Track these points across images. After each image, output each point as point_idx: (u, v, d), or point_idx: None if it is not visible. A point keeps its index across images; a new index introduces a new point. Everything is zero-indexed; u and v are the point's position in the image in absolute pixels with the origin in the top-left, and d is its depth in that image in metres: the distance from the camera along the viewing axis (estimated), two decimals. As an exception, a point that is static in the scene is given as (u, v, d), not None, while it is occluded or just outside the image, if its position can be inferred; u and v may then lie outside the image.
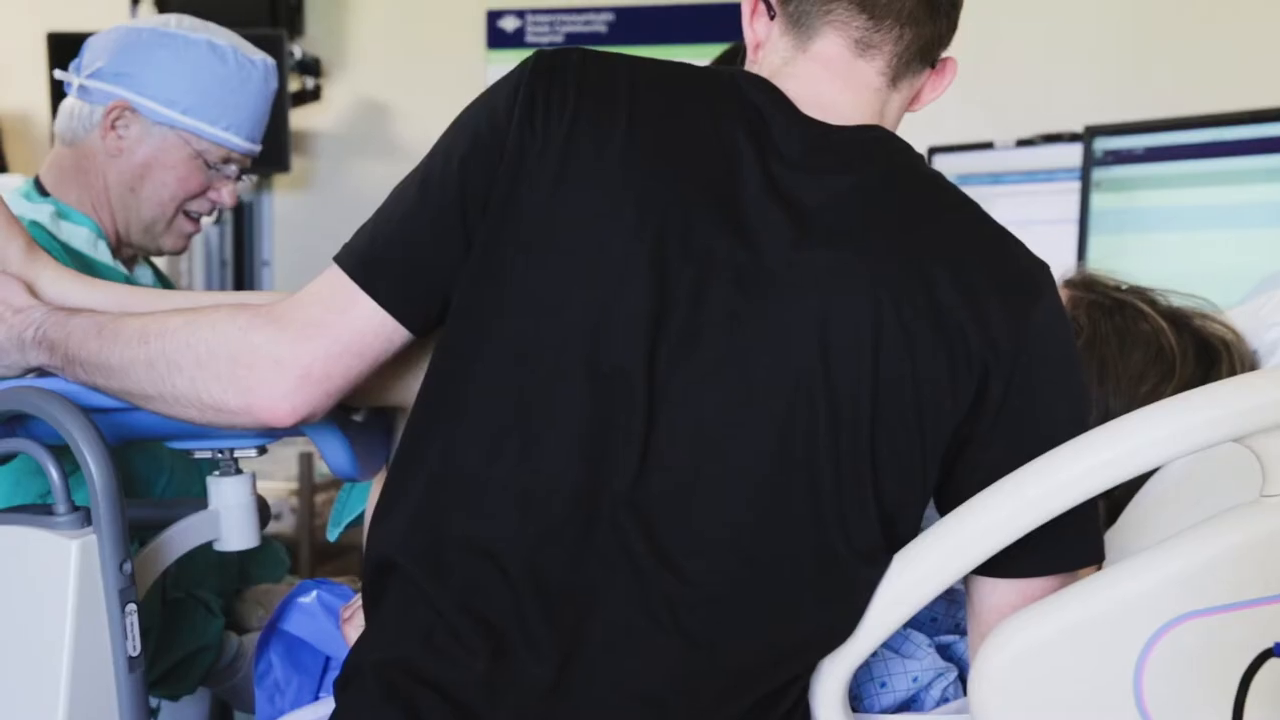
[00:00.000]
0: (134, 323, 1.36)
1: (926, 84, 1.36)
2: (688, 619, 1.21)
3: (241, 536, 1.52)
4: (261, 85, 1.93)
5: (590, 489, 1.22)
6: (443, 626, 1.23)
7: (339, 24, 4.27)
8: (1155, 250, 3.02)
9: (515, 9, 4.15)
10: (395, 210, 1.31)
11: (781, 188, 1.26)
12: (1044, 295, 1.26)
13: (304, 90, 4.10)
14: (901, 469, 1.23)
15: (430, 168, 1.30)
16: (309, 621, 1.51)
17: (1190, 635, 1.18)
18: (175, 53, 1.87)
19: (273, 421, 1.29)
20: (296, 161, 4.07)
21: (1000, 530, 1.21)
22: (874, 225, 1.25)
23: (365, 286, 1.28)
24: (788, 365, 1.22)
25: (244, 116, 1.92)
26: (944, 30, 1.33)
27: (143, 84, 1.88)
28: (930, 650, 1.39)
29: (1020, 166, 3.26)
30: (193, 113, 1.89)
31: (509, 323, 1.25)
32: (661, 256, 1.23)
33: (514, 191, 1.26)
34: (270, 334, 1.29)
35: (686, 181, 1.25)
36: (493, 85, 1.31)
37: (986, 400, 1.23)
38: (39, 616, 1.31)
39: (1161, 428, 1.18)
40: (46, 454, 1.35)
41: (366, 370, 1.30)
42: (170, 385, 1.32)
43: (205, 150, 1.91)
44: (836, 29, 1.31)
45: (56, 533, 1.32)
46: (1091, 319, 1.57)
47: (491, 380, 1.25)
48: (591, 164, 1.25)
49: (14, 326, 1.41)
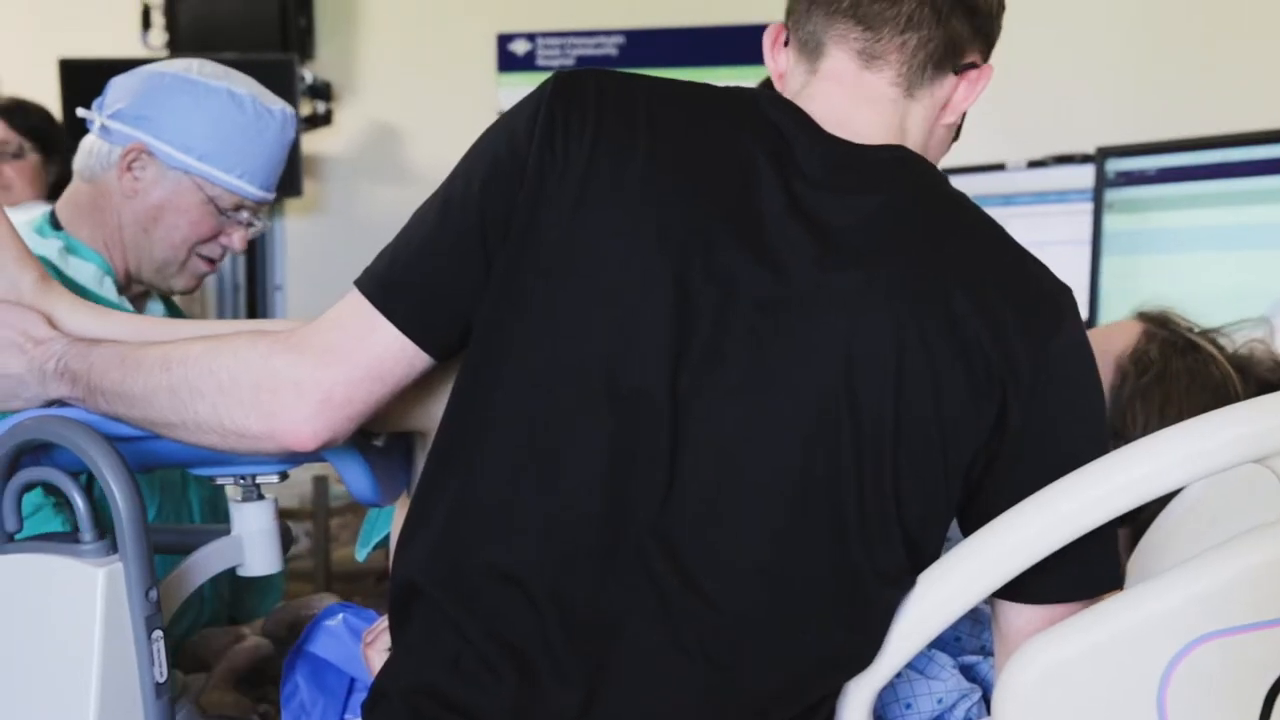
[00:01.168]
0: (155, 351, 1.37)
1: (957, 91, 1.34)
2: (712, 642, 1.22)
3: (264, 562, 1.52)
4: (278, 134, 1.95)
5: (613, 513, 1.22)
6: (469, 652, 1.23)
7: (349, 48, 4.30)
8: (1168, 271, 3.03)
9: (526, 32, 4.18)
10: (415, 234, 1.31)
11: (805, 207, 1.26)
12: (1066, 319, 1.26)
13: (315, 115, 4.13)
14: (924, 490, 1.24)
15: (450, 191, 1.31)
16: (334, 644, 1.52)
17: (1212, 655, 1.19)
18: (195, 99, 1.90)
19: (295, 446, 1.30)
20: (308, 186, 4.09)
21: (1026, 549, 1.22)
22: (898, 246, 1.25)
23: (385, 311, 1.28)
24: (811, 386, 1.22)
25: (259, 164, 1.94)
26: (961, 34, 1.32)
27: (161, 128, 1.90)
28: (954, 671, 1.40)
29: (1032, 188, 3.27)
30: (208, 159, 1.91)
31: (530, 347, 1.25)
32: (683, 278, 1.23)
33: (534, 215, 1.26)
34: (292, 359, 1.29)
35: (707, 202, 1.26)
36: (512, 108, 1.31)
37: (1007, 422, 1.23)
38: (67, 644, 1.32)
39: (1186, 447, 1.20)
40: (71, 482, 1.35)
41: (388, 394, 1.31)
42: (193, 412, 1.32)
43: (218, 196, 1.93)
44: (840, 45, 1.31)
45: (83, 560, 1.33)
46: (1164, 355, 1.59)
47: (513, 406, 1.25)
48: (611, 186, 1.26)
49: (35, 358, 1.42)
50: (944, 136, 1.37)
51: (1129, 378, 1.58)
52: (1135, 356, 1.59)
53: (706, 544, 1.22)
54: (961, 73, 1.33)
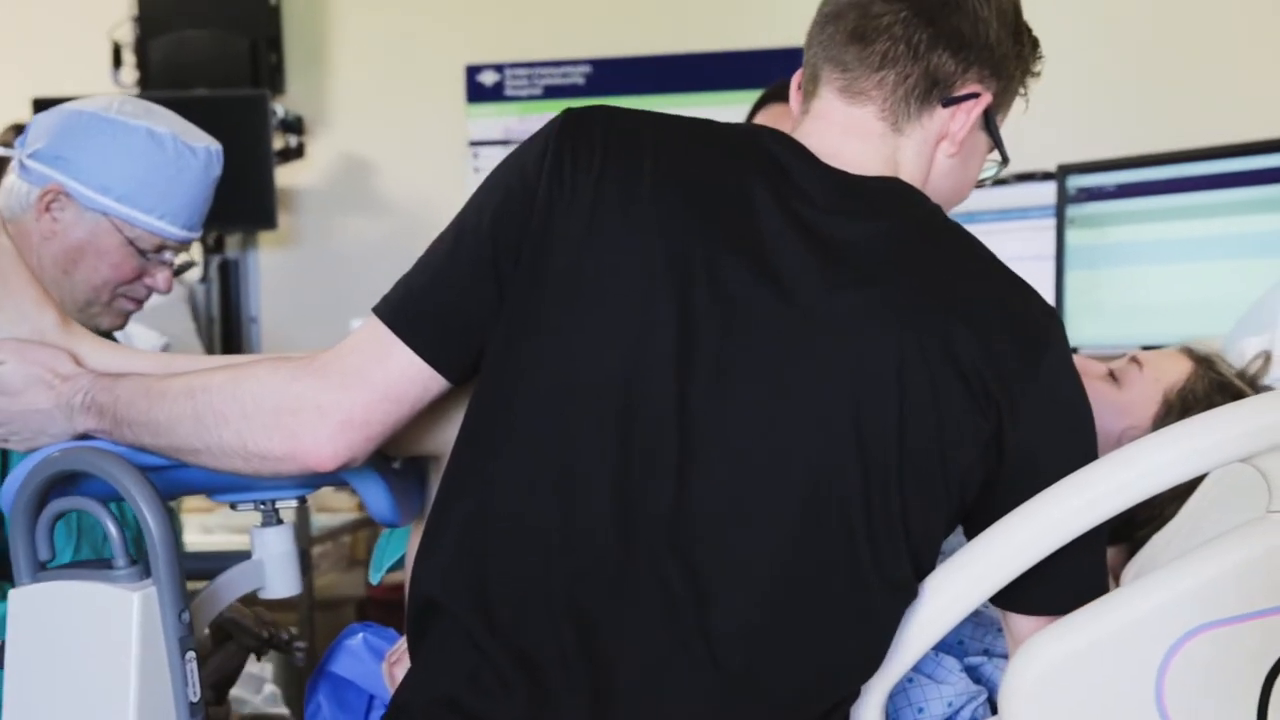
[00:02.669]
0: (179, 381, 1.40)
1: (952, 122, 1.36)
2: (723, 650, 1.25)
3: (284, 584, 1.55)
4: (200, 174, 1.90)
5: (625, 527, 1.26)
6: (486, 665, 1.27)
7: (320, 82, 4.32)
8: (1129, 283, 3.10)
9: (494, 63, 4.22)
10: (431, 264, 1.36)
11: (807, 227, 1.30)
12: (1053, 343, 1.30)
13: (288, 148, 4.13)
14: (926, 504, 1.27)
15: (464, 222, 1.36)
16: (354, 663, 1.56)
17: (1206, 646, 1.24)
18: (112, 138, 1.85)
19: (317, 466, 1.34)
20: (282, 218, 4.10)
21: (1026, 551, 1.27)
22: (898, 268, 1.29)
23: (401, 335, 1.33)
24: (817, 402, 1.26)
25: (180, 204, 1.89)
26: (944, 67, 1.34)
27: (78, 168, 1.85)
28: (962, 674, 1.45)
29: (995, 205, 3.31)
30: (126, 200, 1.86)
31: (542, 369, 1.29)
32: (689, 298, 1.27)
33: (544, 243, 1.31)
34: (312, 383, 1.34)
35: (711, 226, 1.30)
36: (523, 143, 1.36)
37: (1003, 440, 1.28)
38: (104, 666, 1.35)
39: (1174, 449, 1.26)
40: (104, 510, 1.38)
41: (405, 416, 1.35)
42: (217, 437, 1.36)
43: (138, 238, 1.88)
44: (826, 84, 1.37)
45: (118, 586, 1.36)
46: (1209, 395, 1.64)
47: (526, 423, 1.29)
48: (618, 214, 1.30)
49: (63, 394, 1.45)
50: (950, 169, 1.38)
51: (1174, 411, 1.62)
52: (1183, 393, 1.64)
53: (717, 555, 1.26)
54: (954, 104, 1.35)
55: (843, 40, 1.35)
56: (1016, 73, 1.39)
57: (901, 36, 1.33)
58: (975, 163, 1.42)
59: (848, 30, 1.35)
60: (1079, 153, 3.25)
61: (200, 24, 4.09)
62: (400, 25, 4.30)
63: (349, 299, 3.19)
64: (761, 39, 3.90)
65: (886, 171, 1.35)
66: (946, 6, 1.34)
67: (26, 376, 1.46)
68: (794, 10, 1.46)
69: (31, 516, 1.41)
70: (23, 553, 1.41)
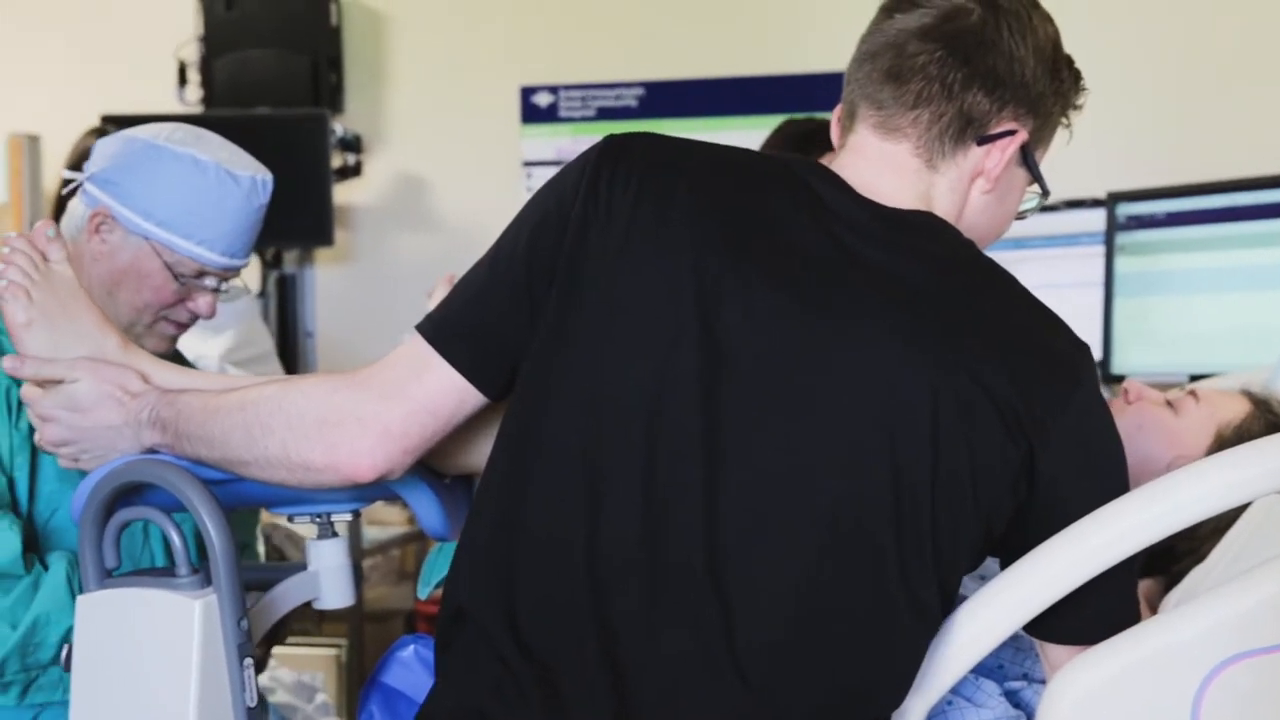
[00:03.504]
0: (233, 395, 1.45)
1: (988, 159, 1.37)
2: (749, 666, 1.26)
3: (338, 595, 1.60)
4: (241, 202, 1.91)
5: (652, 542, 1.28)
6: (509, 676, 1.29)
7: (379, 102, 4.37)
8: (1177, 311, 3.10)
9: (549, 85, 4.26)
10: (471, 283, 1.40)
11: (843, 256, 1.32)
12: (1084, 378, 1.31)
13: (345, 166, 4.17)
14: (956, 531, 1.29)
15: (502, 244, 1.40)
16: (406, 674, 1.58)
17: (1242, 675, 1.25)
18: (158, 164, 1.89)
19: (355, 476, 1.38)
20: (339, 235, 4.15)
21: (1063, 579, 1.29)
22: (933, 300, 1.30)
23: (440, 350, 1.37)
24: (848, 424, 1.27)
25: (219, 232, 1.91)
26: (979, 106, 1.35)
27: (125, 193, 1.89)
28: (1001, 699, 1.46)
29: (1044, 231, 3.31)
30: (167, 226, 1.89)
31: (572, 385, 1.32)
32: (718, 320, 1.29)
33: (578, 263, 1.33)
34: (354, 395, 1.38)
35: (745, 250, 1.31)
36: (564, 167, 1.39)
37: (1035, 471, 1.29)
38: (166, 671, 1.40)
39: (1212, 480, 1.28)
40: (168, 520, 1.43)
41: (441, 429, 1.39)
42: (263, 449, 1.41)
43: (177, 263, 1.91)
44: (863, 120, 1.39)
45: (180, 593, 1.41)
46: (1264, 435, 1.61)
47: (557, 438, 1.32)
48: (653, 235, 1.32)
49: (131, 410, 1.50)
50: (985, 205, 1.39)
51: (1227, 447, 1.61)
52: (1239, 430, 1.64)
53: (744, 571, 1.27)
54: (989, 142, 1.36)
55: (879, 79, 1.36)
56: (1055, 109, 1.40)
57: (936, 76, 1.34)
58: (1013, 197, 1.43)
59: (883, 69, 1.36)
60: (1129, 180, 3.25)
61: (263, 44, 4.15)
62: (457, 47, 4.35)
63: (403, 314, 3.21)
64: (814, 63, 3.91)
65: (920, 206, 1.36)
66: (982, 46, 1.34)
67: (99, 394, 1.51)
68: (847, 35, 1.48)
69: (99, 526, 1.45)
70: (90, 560, 1.45)
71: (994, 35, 1.34)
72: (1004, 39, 1.35)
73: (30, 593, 1.70)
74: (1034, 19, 1.37)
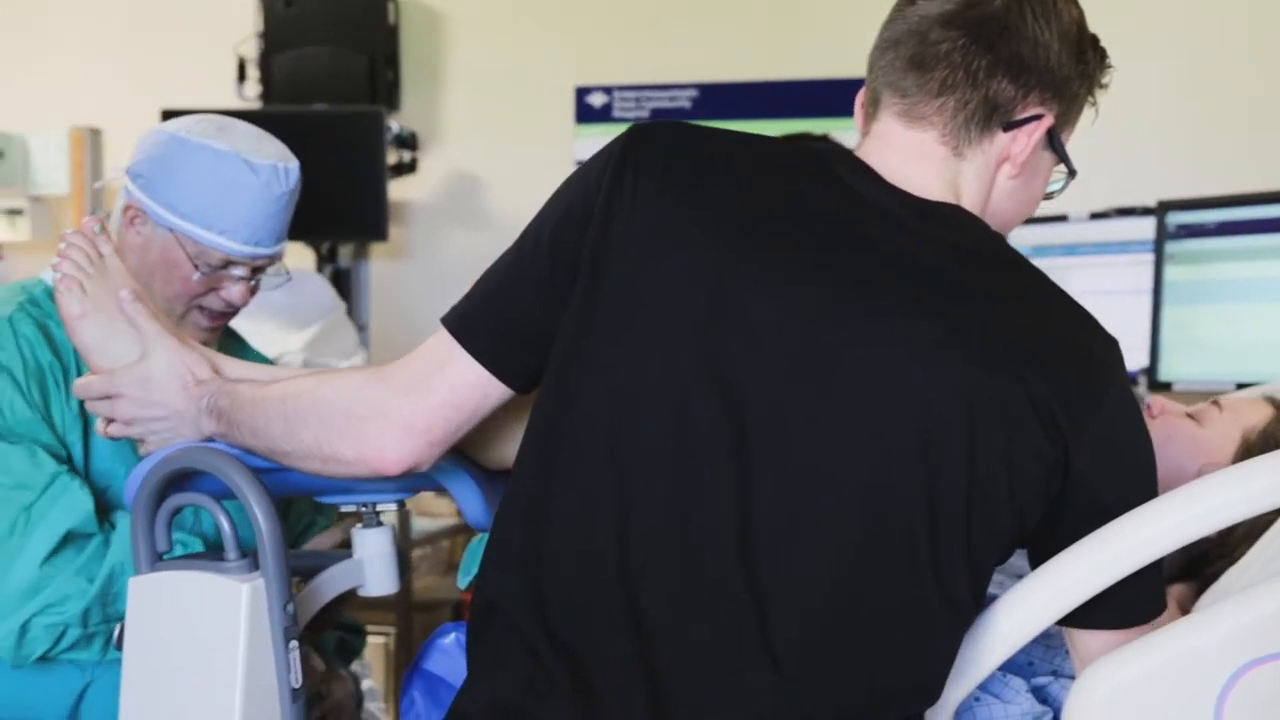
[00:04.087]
0: (277, 387, 1.48)
1: (1014, 145, 1.35)
2: (785, 660, 1.26)
3: (382, 583, 1.62)
4: (259, 191, 1.92)
5: (683, 535, 1.27)
6: (541, 670, 1.30)
7: (434, 100, 4.41)
8: (1226, 321, 3.09)
9: (603, 85, 4.29)
10: (495, 276, 1.41)
11: (875, 250, 1.30)
12: (1116, 374, 1.31)
13: (401, 163, 4.20)
14: (991, 524, 1.28)
15: (527, 236, 1.39)
16: (447, 661, 1.62)
17: (1265, 678, 1.27)
18: (179, 156, 1.92)
19: (383, 469, 1.40)
20: (393, 230, 4.19)
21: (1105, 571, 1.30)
22: (966, 296, 1.30)
23: (463, 342, 1.38)
24: (883, 423, 1.26)
25: (239, 221, 1.92)
26: (1004, 93, 1.33)
27: (153, 186, 1.93)
28: (1028, 695, 1.48)
29: (1094, 238, 3.31)
30: (188, 217, 1.91)
31: (598, 379, 1.31)
32: (747, 315, 1.28)
33: (602, 255, 1.32)
34: (380, 390, 1.40)
35: (775, 241, 1.30)
36: (589, 159, 1.38)
37: (1069, 467, 1.29)
38: (214, 652, 1.43)
39: (1263, 481, 1.29)
40: (218, 506, 1.47)
41: (466, 422, 1.40)
42: (300, 441, 1.43)
43: (202, 253, 1.93)
44: (887, 108, 1.37)
45: (229, 577, 1.44)
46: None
47: (585, 429, 1.32)
48: (678, 227, 1.31)
49: (194, 396, 1.54)
50: (1012, 189, 1.38)
51: (1253, 451, 1.63)
52: (1264, 434, 1.65)
53: (779, 567, 1.26)
54: (1015, 128, 1.35)
55: (902, 67, 1.35)
56: (1081, 91, 1.38)
57: (960, 64, 1.32)
58: (1039, 180, 1.41)
59: (906, 57, 1.34)
60: (1180, 189, 3.25)
61: (322, 41, 4.19)
62: (513, 47, 4.38)
63: (455, 310, 3.26)
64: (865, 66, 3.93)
65: (948, 195, 1.35)
66: (1005, 32, 1.32)
67: (169, 375, 1.55)
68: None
69: (151, 511, 1.49)
70: (143, 544, 1.49)
71: (1018, 21, 1.33)
72: (1028, 24, 1.33)
73: (102, 549, 1.79)
74: (1058, 2, 1.35)
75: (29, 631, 1.79)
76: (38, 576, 1.78)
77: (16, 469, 1.81)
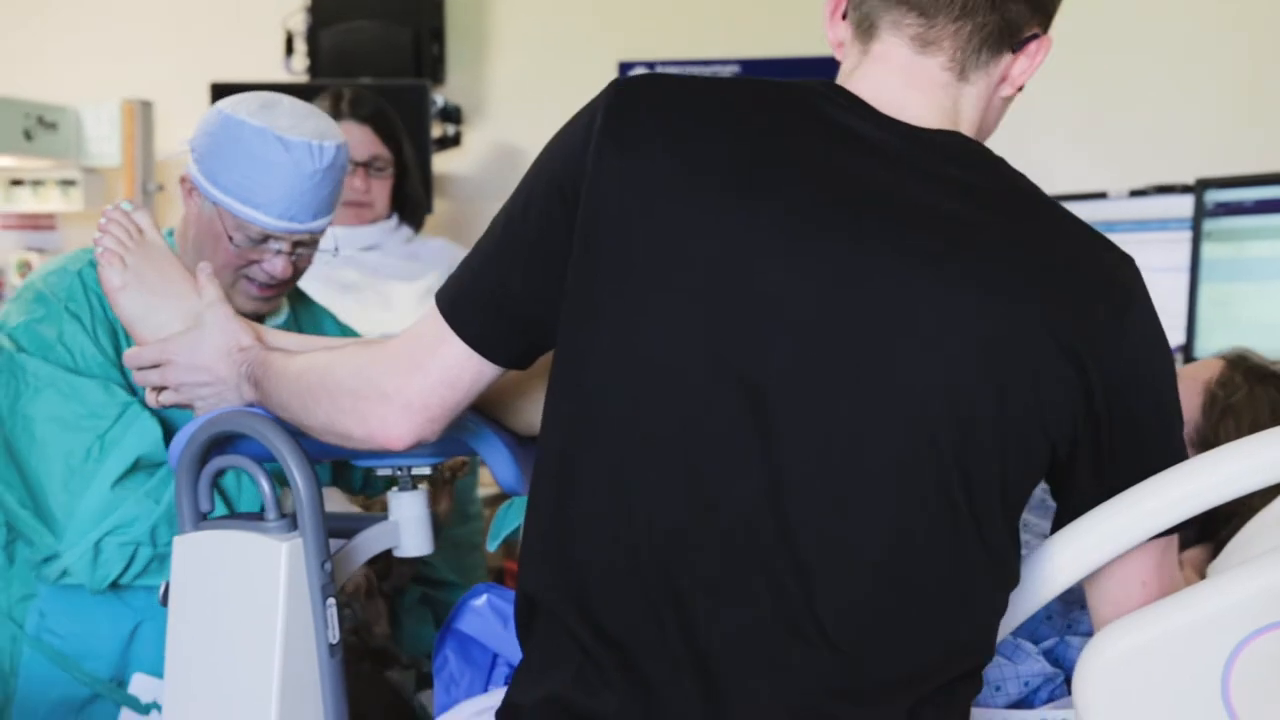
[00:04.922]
0: (300, 360, 1.51)
1: (1015, 65, 1.33)
2: (834, 629, 1.24)
3: (417, 544, 1.68)
4: (293, 167, 1.96)
5: (712, 515, 1.25)
6: (590, 662, 1.28)
7: (479, 74, 4.45)
8: (1263, 298, 3.09)
9: (646, 60, 4.31)
10: (480, 250, 1.37)
11: (882, 194, 1.26)
12: (1136, 293, 1.29)
13: (445, 136, 4.23)
14: (1024, 466, 1.27)
15: (513, 205, 1.35)
16: (479, 621, 1.64)
17: (1272, 645, 1.29)
18: (222, 132, 1.97)
19: (389, 446, 1.42)
20: (438, 203, 4.22)
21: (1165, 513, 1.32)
22: (980, 231, 1.26)
23: (452, 324, 1.37)
24: (909, 375, 1.23)
25: (273, 197, 1.97)
26: (1019, 15, 1.30)
27: (202, 161, 2.00)
28: (1039, 658, 1.51)
29: (1133, 215, 3.31)
30: (228, 191, 1.98)
31: (606, 359, 1.28)
32: (758, 274, 1.24)
33: (594, 224, 1.27)
34: (380, 368, 1.42)
35: (778, 192, 1.25)
36: (570, 119, 1.33)
37: (1097, 395, 1.26)
38: (254, 608, 1.48)
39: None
40: (259, 468, 1.52)
41: (462, 399, 1.40)
42: (314, 417, 1.47)
43: (239, 227, 1.99)
44: (894, 30, 1.31)
45: (269, 536, 1.49)
46: (1248, 381, 1.72)
47: (597, 419, 1.28)
48: (674, 186, 1.26)
49: (236, 363, 1.58)
50: (1001, 108, 1.36)
51: (1218, 399, 1.69)
52: (1222, 381, 1.72)
53: (818, 534, 1.23)
54: (1020, 49, 1.32)
55: None
56: (1054, 6, 1.35)
57: None
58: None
59: None
60: (1218, 167, 3.25)
61: (368, 15, 4.23)
62: (557, 22, 4.41)
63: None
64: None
65: (945, 123, 1.32)
66: None
67: (216, 344, 1.60)
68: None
69: (194, 472, 1.55)
70: (186, 505, 1.55)
71: None
72: None
73: (169, 474, 1.89)
74: None
75: (103, 552, 1.90)
76: (109, 499, 1.90)
77: (91, 399, 1.94)
